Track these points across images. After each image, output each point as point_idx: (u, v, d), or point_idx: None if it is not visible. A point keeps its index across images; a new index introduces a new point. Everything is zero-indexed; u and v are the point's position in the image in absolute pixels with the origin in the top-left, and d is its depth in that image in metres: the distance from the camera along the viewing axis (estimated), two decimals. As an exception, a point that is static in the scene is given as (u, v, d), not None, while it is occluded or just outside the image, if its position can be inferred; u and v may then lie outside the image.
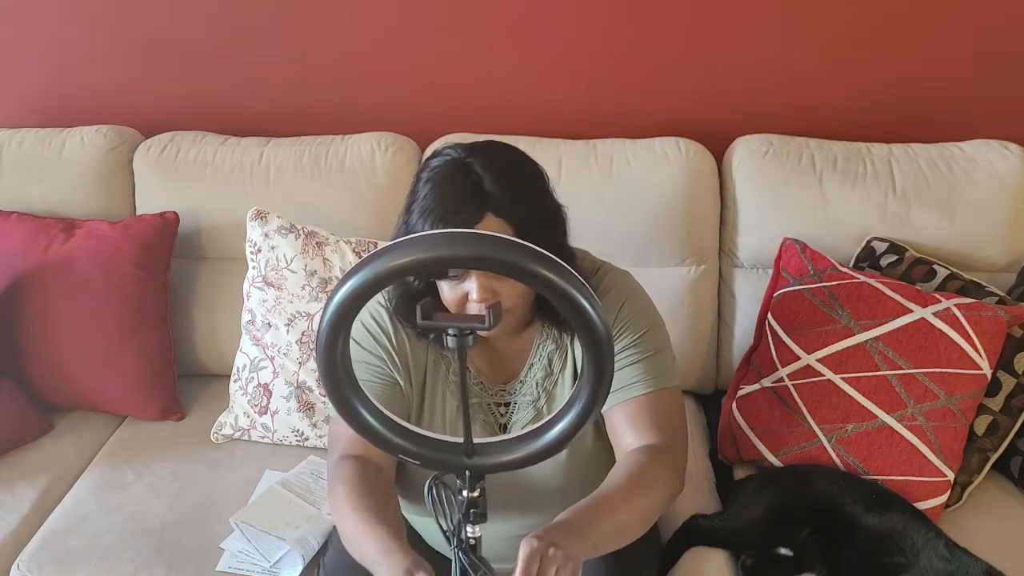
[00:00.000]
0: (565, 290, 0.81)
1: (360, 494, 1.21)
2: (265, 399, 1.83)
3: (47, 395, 1.94)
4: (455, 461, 0.92)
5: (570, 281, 0.82)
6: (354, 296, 0.82)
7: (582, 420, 0.90)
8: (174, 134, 2.09)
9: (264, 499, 1.66)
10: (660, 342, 1.34)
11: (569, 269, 0.83)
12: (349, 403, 0.88)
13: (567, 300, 0.82)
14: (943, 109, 2.04)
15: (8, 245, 1.93)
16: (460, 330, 0.84)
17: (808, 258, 1.77)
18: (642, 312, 1.35)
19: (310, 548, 1.54)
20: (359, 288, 0.81)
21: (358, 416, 0.89)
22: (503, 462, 0.92)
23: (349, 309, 0.83)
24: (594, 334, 0.84)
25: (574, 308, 0.82)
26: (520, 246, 0.81)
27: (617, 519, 1.15)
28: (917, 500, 1.58)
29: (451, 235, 0.82)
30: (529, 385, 1.36)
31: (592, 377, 0.87)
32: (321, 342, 0.85)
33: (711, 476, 1.75)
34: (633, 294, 1.35)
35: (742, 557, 1.52)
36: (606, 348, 0.85)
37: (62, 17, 2.13)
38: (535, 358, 1.36)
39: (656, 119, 2.05)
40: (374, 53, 2.09)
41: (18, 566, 1.59)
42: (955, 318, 1.62)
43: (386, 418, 0.91)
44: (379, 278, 0.81)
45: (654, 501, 1.22)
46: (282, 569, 1.53)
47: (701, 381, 1.99)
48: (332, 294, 0.84)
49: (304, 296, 1.82)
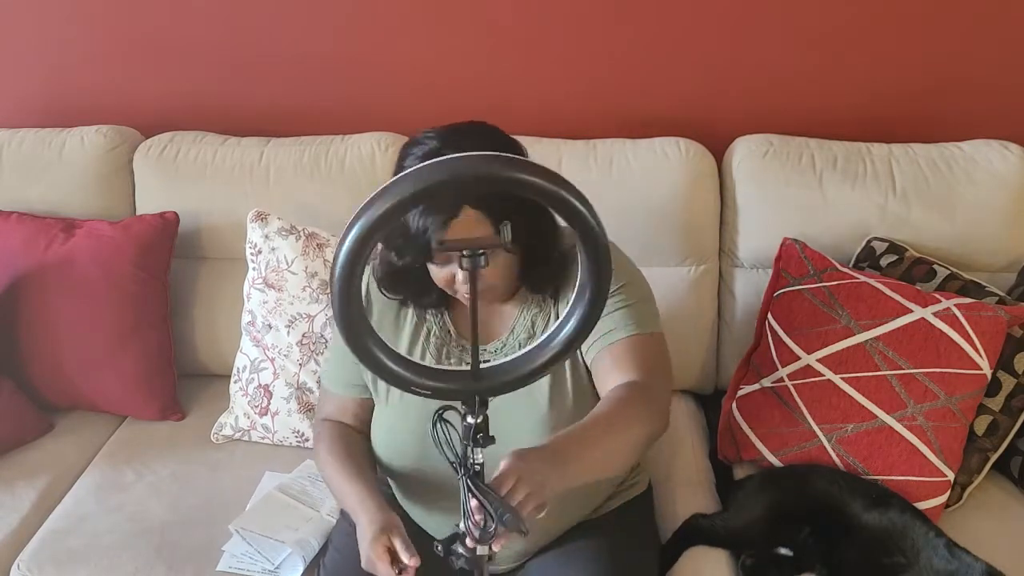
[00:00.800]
0: (561, 195, 0.87)
1: (341, 452, 1.42)
2: (265, 400, 1.83)
3: (47, 395, 1.94)
4: (464, 387, 0.95)
5: (566, 187, 0.87)
6: (367, 232, 0.84)
7: (583, 327, 0.95)
8: (174, 134, 2.09)
9: (262, 504, 1.66)
10: (642, 291, 1.40)
11: (564, 179, 0.88)
12: (362, 342, 0.91)
13: (564, 204, 0.87)
14: (943, 109, 2.04)
15: (8, 245, 1.93)
16: (473, 251, 0.90)
17: (808, 258, 1.77)
18: (622, 262, 1.41)
19: (311, 549, 1.54)
20: (372, 223, 0.84)
21: (371, 354, 0.92)
22: (509, 380, 0.96)
23: (363, 244, 0.85)
24: (591, 234, 0.90)
25: (571, 211, 0.88)
26: (515, 161, 0.86)
27: (599, 451, 1.17)
28: (917, 500, 1.58)
29: (447, 162, 0.84)
30: (511, 346, 1.39)
31: (592, 275, 0.92)
32: (336, 282, 0.87)
33: (711, 476, 1.75)
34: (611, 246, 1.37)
35: (742, 557, 1.52)
36: (603, 249, 0.91)
37: (62, 17, 2.13)
38: (518, 321, 1.40)
39: (656, 119, 2.05)
40: (374, 53, 2.09)
41: (18, 566, 1.59)
42: (955, 318, 1.62)
43: (396, 355, 0.94)
44: (389, 211, 0.83)
45: (636, 435, 1.24)
46: (283, 570, 1.53)
47: (701, 381, 1.99)
48: (345, 232, 0.85)
49: (305, 298, 1.82)
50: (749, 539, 1.54)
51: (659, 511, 1.63)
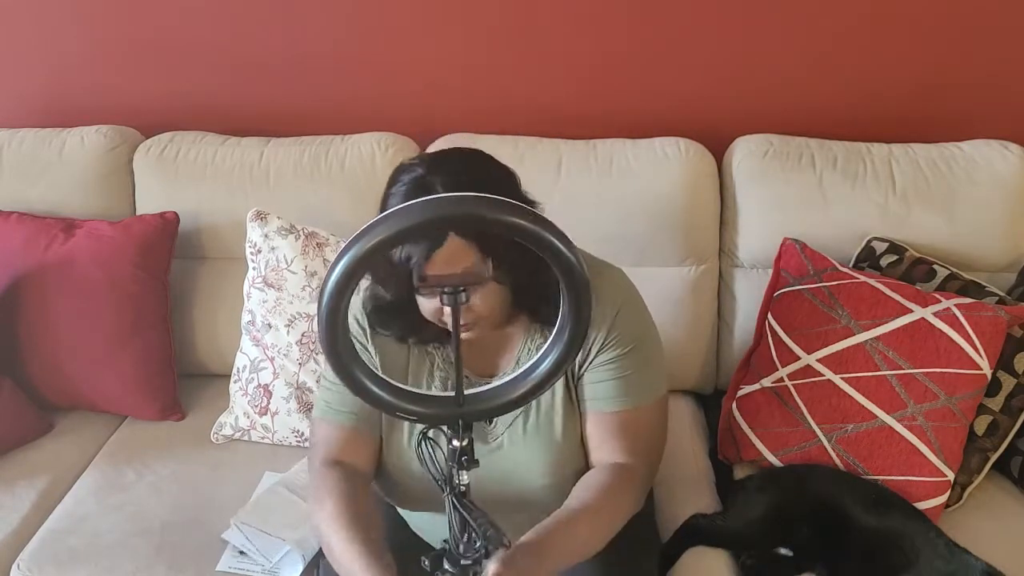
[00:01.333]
0: (540, 235, 0.89)
1: (347, 513, 1.24)
2: (265, 400, 1.83)
3: (47, 395, 1.94)
4: (448, 412, 0.98)
5: (550, 229, 0.90)
6: (351, 267, 0.89)
7: (561, 362, 0.97)
8: (174, 134, 2.10)
9: (264, 499, 1.66)
10: (647, 355, 1.35)
11: (548, 220, 0.90)
12: (349, 369, 0.95)
13: (547, 246, 0.89)
14: (943, 109, 2.04)
15: (8, 245, 1.93)
16: (455, 287, 0.93)
17: (808, 258, 1.77)
18: (635, 322, 1.35)
19: (310, 548, 1.54)
20: (356, 259, 0.88)
21: (357, 380, 0.95)
22: (492, 407, 1.00)
23: (348, 279, 0.89)
24: (572, 275, 0.91)
25: (554, 253, 0.90)
26: (499, 203, 0.88)
27: (581, 541, 1.21)
28: (917, 500, 1.58)
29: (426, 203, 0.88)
30: None
31: (571, 314, 0.94)
32: (323, 315, 0.91)
33: (711, 476, 1.75)
34: (628, 300, 1.35)
35: (742, 557, 1.52)
36: (583, 290, 0.93)
37: (62, 17, 2.13)
38: (522, 352, 1.36)
39: (656, 119, 2.05)
40: (374, 53, 2.09)
41: (18, 566, 1.59)
42: (955, 318, 1.62)
43: (382, 380, 0.97)
44: (374, 248, 0.88)
45: (617, 522, 1.27)
46: (282, 569, 1.53)
47: (701, 381, 1.99)
48: (332, 266, 0.90)
49: (304, 297, 1.82)
50: (749, 539, 1.54)
51: (659, 511, 1.63)
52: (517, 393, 0.99)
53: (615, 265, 1.38)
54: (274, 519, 1.60)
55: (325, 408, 1.38)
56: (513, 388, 0.99)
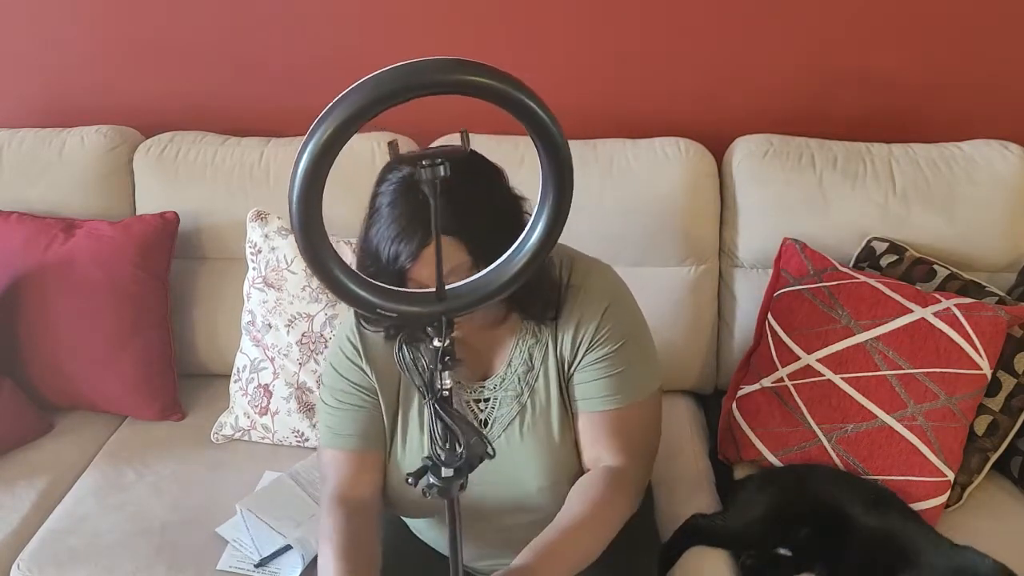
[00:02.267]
0: (524, 103, 0.86)
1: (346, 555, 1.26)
2: (265, 400, 1.83)
3: (47, 395, 1.94)
4: (429, 309, 0.93)
5: (526, 94, 0.86)
6: (326, 143, 0.84)
7: (545, 242, 0.92)
8: (174, 134, 2.10)
9: (272, 488, 1.67)
10: (638, 351, 1.34)
11: (524, 85, 0.87)
12: (324, 264, 0.88)
13: (525, 110, 0.87)
14: (943, 109, 2.04)
15: (8, 245, 1.93)
16: (432, 160, 0.89)
17: (808, 258, 1.77)
18: (624, 318, 1.34)
19: (310, 549, 1.54)
20: (329, 135, 0.84)
21: (333, 276, 0.89)
22: (475, 299, 0.94)
23: (324, 155, 0.84)
24: (550, 138, 0.88)
25: (534, 121, 0.87)
26: (472, 65, 0.86)
27: (576, 555, 1.22)
28: (917, 500, 1.58)
29: (410, 67, 0.85)
30: (510, 381, 1.35)
31: (553, 193, 0.90)
32: (294, 198, 0.84)
33: (711, 476, 1.75)
34: (617, 297, 1.34)
35: (742, 557, 1.52)
36: (565, 161, 0.89)
37: (62, 17, 2.13)
38: (514, 353, 1.35)
39: (656, 119, 2.05)
40: (374, 53, 2.09)
41: (18, 566, 1.59)
42: (955, 318, 1.62)
43: (359, 277, 0.91)
44: (343, 126, 0.84)
45: (613, 529, 1.27)
46: (282, 569, 1.53)
47: (701, 381, 1.99)
48: (301, 149, 0.84)
49: (304, 297, 1.82)
50: (749, 539, 1.54)
51: (659, 511, 1.63)
52: (499, 282, 0.94)
53: (604, 262, 1.39)
54: (278, 512, 1.60)
55: (329, 435, 1.37)
56: (495, 277, 0.94)
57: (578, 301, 1.31)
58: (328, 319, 1.81)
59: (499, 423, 1.35)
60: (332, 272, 0.88)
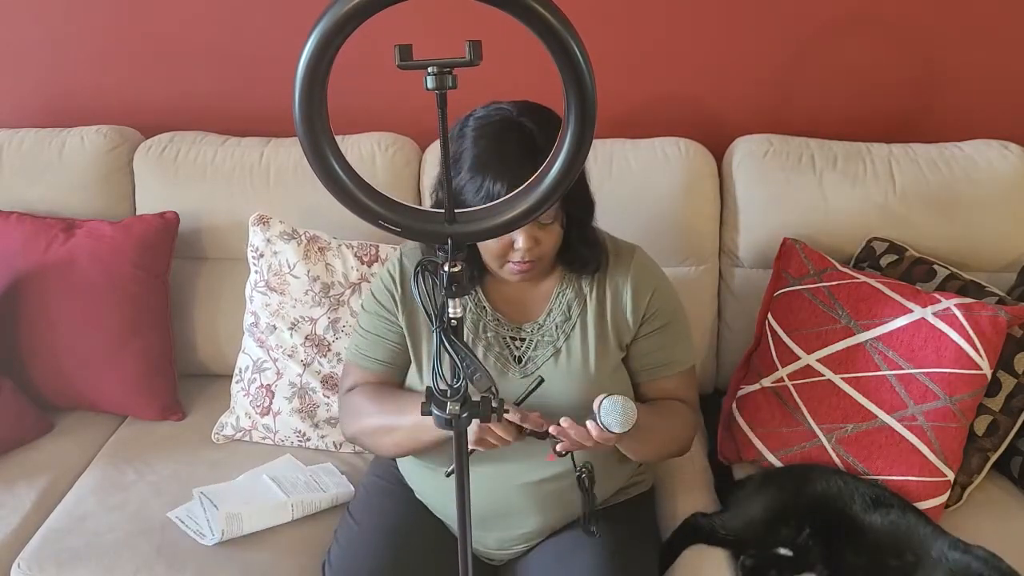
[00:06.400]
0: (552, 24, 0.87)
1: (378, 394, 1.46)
2: (267, 400, 1.83)
3: (47, 395, 1.94)
4: (437, 229, 0.91)
5: (557, 17, 0.86)
6: (328, 34, 0.83)
7: (565, 176, 0.89)
8: (174, 134, 2.10)
9: (241, 482, 1.70)
10: (686, 325, 1.53)
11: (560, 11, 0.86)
12: (326, 159, 0.86)
13: (553, 35, 0.87)
14: (943, 109, 2.04)
15: (8, 245, 1.93)
16: (440, 67, 0.89)
17: (808, 258, 1.78)
18: (672, 297, 1.50)
19: (237, 528, 1.57)
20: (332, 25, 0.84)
21: (339, 182, 0.87)
22: (486, 228, 0.92)
23: (323, 49, 0.83)
24: (579, 73, 0.86)
25: (561, 47, 0.86)
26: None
27: (654, 433, 1.40)
28: (917, 500, 1.58)
29: None
30: (548, 328, 1.45)
31: (576, 125, 0.87)
32: (298, 90, 0.82)
33: (711, 476, 1.75)
34: (661, 279, 1.50)
35: (742, 557, 1.52)
36: (590, 91, 0.86)
37: (62, 17, 2.13)
38: (554, 304, 1.45)
39: (656, 119, 2.05)
40: (374, 53, 2.09)
41: (19, 565, 1.59)
42: (955, 318, 1.62)
43: (368, 187, 0.89)
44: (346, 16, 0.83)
45: (676, 437, 1.49)
46: (206, 536, 1.58)
47: (701, 381, 1.99)
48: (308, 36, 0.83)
49: (307, 301, 1.82)
50: (749, 539, 1.54)
51: (659, 510, 1.64)
52: (512, 214, 0.90)
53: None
54: (235, 496, 1.64)
55: (357, 353, 1.52)
56: (508, 208, 0.91)
57: (631, 269, 1.46)
58: (331, 323, 1.81)
59: (532, 362, 1.43)
60: (339, 177, 0.85)
